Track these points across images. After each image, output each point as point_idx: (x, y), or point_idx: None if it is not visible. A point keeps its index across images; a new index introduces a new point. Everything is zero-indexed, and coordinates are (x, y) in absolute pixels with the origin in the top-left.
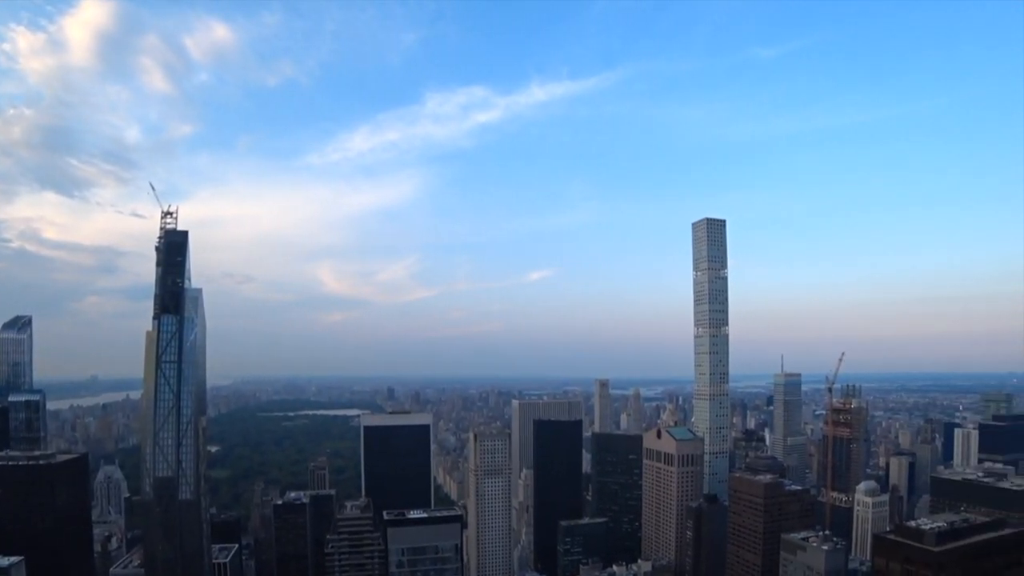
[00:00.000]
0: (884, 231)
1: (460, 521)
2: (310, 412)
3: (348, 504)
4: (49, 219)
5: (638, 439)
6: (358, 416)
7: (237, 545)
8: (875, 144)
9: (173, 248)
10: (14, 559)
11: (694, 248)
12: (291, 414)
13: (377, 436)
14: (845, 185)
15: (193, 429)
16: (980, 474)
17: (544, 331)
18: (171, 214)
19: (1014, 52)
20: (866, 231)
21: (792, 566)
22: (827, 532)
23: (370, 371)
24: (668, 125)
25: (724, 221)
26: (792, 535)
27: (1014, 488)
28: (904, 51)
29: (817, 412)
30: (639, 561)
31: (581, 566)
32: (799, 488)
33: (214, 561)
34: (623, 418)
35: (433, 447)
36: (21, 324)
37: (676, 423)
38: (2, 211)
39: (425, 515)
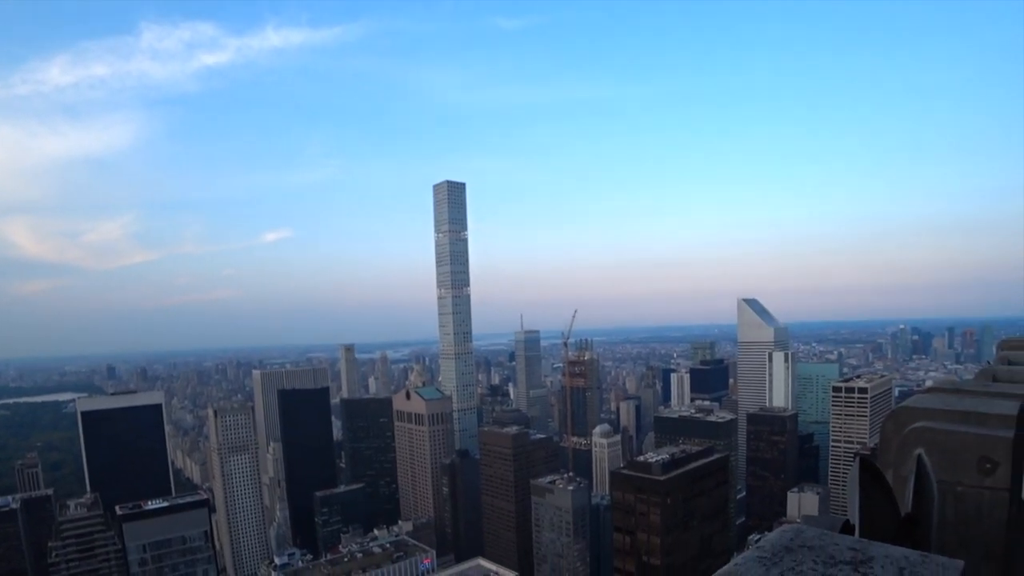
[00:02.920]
0: (611, 199)
1: (207, 506)
2: (10, 401)
3: (71, 503)
4: None
5: (388, 402)
6: (73, 401)
7: None
8: (607, 117)
9: None
10: None
11: (435, 210)
12: None
13: (99, 422)
14: (581, 155)
15: None
16: (693, 411)
17: (284, 296)
18: None
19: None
20: (596, 199)
21: (543, 508)
22: (571, 474)
23: (85, 349)
24: (412, 86)
25: (464, 184)
26: (540, 480)
27: (719, 420)
28: (634, 33)
29: (555, 365)
30: (400, 522)
31: (342, 535)
32: (543, 436)
33: None
34: (371, 382)
35: (168, 428)
36: None
37: (424, 384)
38: None
39: (166, 504)
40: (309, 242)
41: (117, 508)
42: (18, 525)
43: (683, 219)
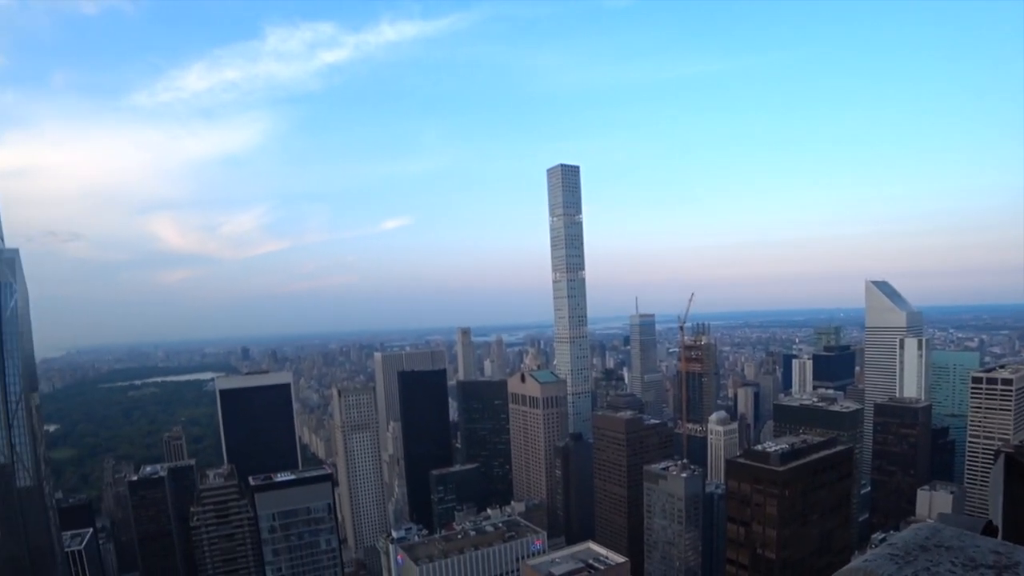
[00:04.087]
0: (729, 177)
1: (330, 480)
2: (159, 379)
3: (210, 473)
4: None
5: (503, 384)
6: (212, 380)
7: (91, 529)
8: (720, 93)
9: None
10: None
11: (549, 194)
12: (137, 383)
13: (235, 399)
14: (693, 132)
15: (24, 408)
16: (815, 399)
17: (403, 281)
18: None
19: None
20: (712, 177)
21: (655, 494)
22: (685, 461)
23: (222, 332)
24: (523, 70)
25: (578, 167)
26: (653, 466)
27: (843, 410)
28: (745, 6)
29: (671, 350)
30: (512, 503)
31: (456, 512)
32: (657, 422)
33: (67, 550)
34: (487, 365)
35: (296, 406)
36: None
37: (539, 367)
38: None
39: (293, 477)
40: (427, 229)
41: (250, 479)
42: (165, 491)
43: (807, 197)
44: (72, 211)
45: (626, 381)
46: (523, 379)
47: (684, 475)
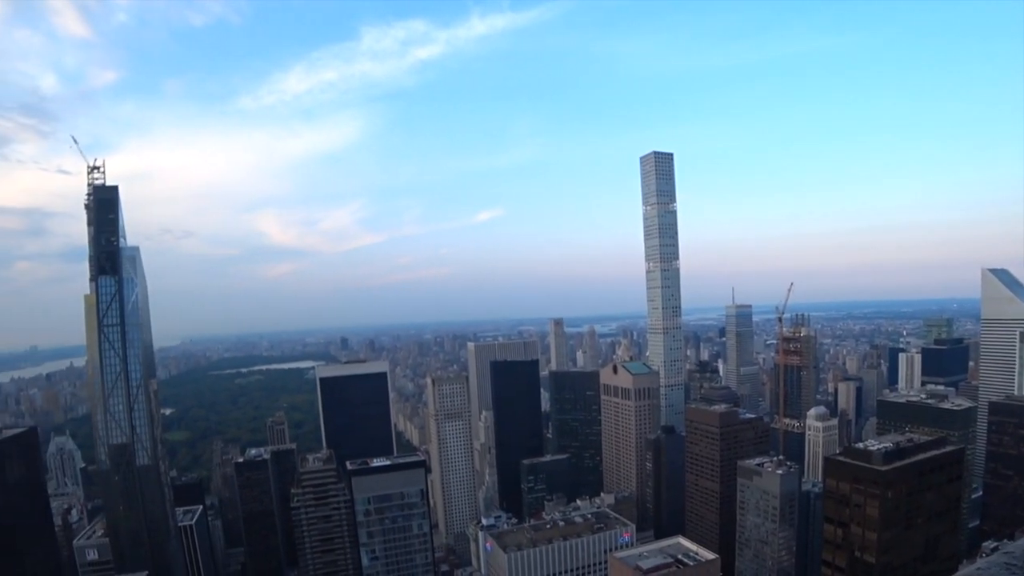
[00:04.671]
0: (830, 162)
1: (423, 466)
2: (263, 367)
3: (310, 457)
4: None
5: (595, 375)
6: (313, 368)
7: (201, 506)
8: (819, 75)
9: (104, 205)
10: None
11: (643, 182)
12: (244, 371)
13: (334, 387)
14: (791, 117)
15: (144, 393)
16: (923, 396)
17: (496, 272)
18: (98, 168)
19: None
20: (811, 163)
21: (749, 491)
22: (781, 457)
23: (322, 322)
24: (613, 58)
25: (671, 154)
26: (748, 461)
27: (954, 408)
28: None
29: (768, 342)
30: (602, 494)
31: (546, 502)
32: (753, 416)
33: (180, 524)
34: (579, 355)
35: (391, 394)
36: None
37: (631, 358)
38: None
39: (388, 463)
40: (519, 220)
41: (347, 463)
42: (268, 473)
43: (917, 181)
44: (185, 210)
45: (721, 374)
46: (615, 370)
47: (780, 472)
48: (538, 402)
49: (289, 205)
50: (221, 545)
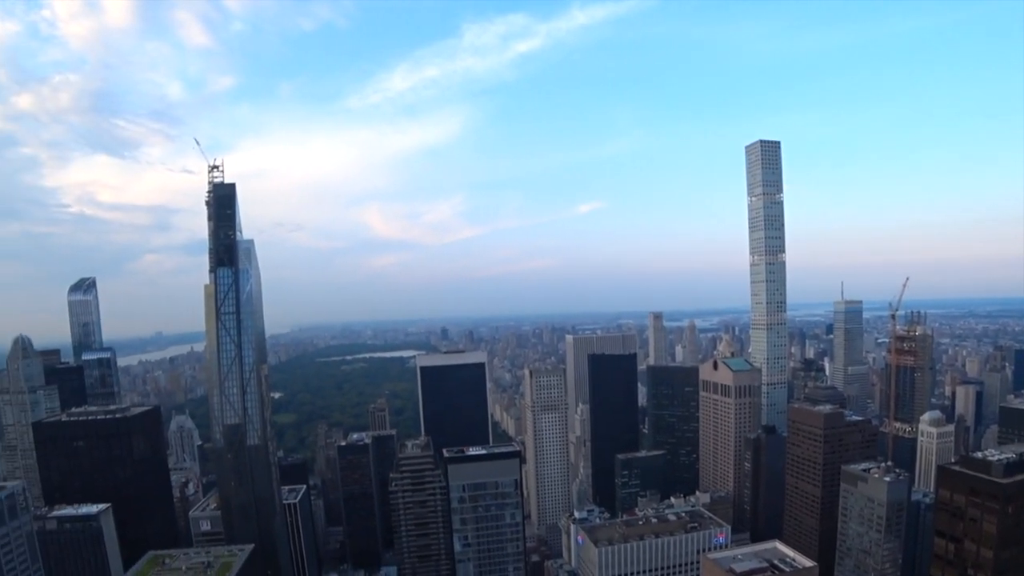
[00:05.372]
0: (947, 148)
1: (518, 457)
2: (367, 356)
3: (409, 443)
4: (103, 182)
5: (694, 371)
6: (414, 357)
7: (305, 486)
8: (935, 58)
9: (222, 201)
10: (102, 506)
11: (748, 172)
12: (349, 358)
13: (433, 376)
14: (903, 103)
15: (256, 377)
16: None
17: (595, 265)
18: (217, 167)
19: None
20: (928, 149)
21: (853, 497)
22: (889, 463)
23: (423, 312)
24: (715, 44)
25: (778, 143)
26: (853, 466)
27: None
28: None
29: (879, 340)
30: (697, 493)
31: (639, 498)
32: (860, 419)
33: (284, 502)
34: (678, 350)
35: (489, 385)
36: (86, 286)
37: (732, 354)
38: (59, 177)
39: (484, 452)
40: (619, 212)
41: (444, 451)
42: (369, 457)
43: None
44: (296, 205)
45: (827, 372)
46: (715, 366)
47: (888, 479)
48: (635, 396)
49: (393, 199)
50: (322, 524)
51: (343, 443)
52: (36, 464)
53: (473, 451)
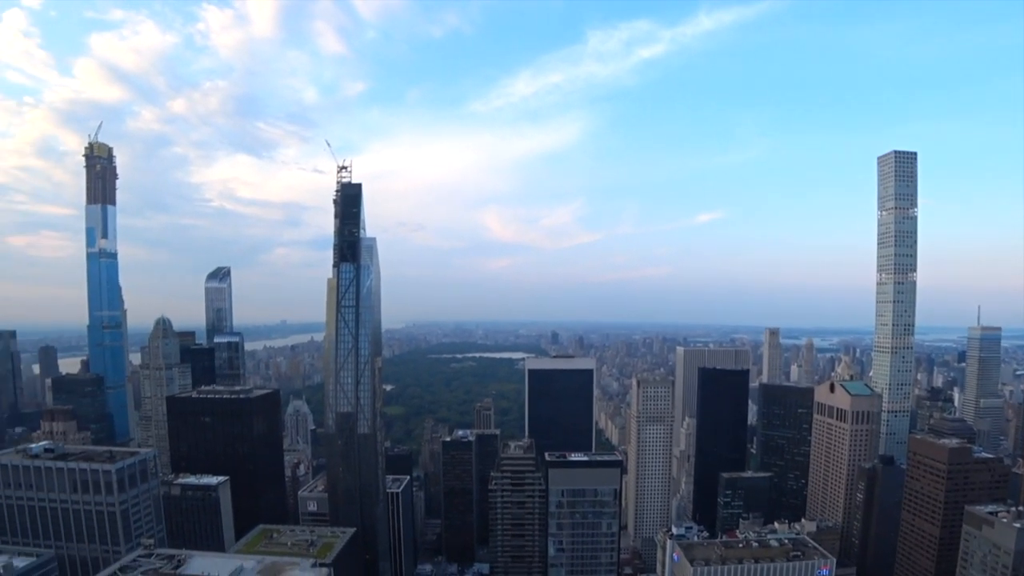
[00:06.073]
0: None
1: (620, 466)
2: (477, 355)
3: (511, 444)
4: (242, 179)
5: (809, 392)
6: (523, 360)
7: (409, 477)
8: None
9: (349, 200)
10: (221, 478)
11: (879, 185)
12: (459, 356)
13: (541, 379)
14: None
15: (370, 369)
16: None
17: (711, 276)
18: (346, 168)
19: None
20: None
21: (976, 541)
22: (1021, 508)
23: (535, 315)
24: (847, 48)
25: (915, 154)
26: (978, 507)
27: None
28: None
29: (1018, 372)
30: (803, 520)
31: (741, 520)
32: (990, 456)
33: (388, 491)
34: (793, 369)
35: (596, 392)
36: (222, 274)
37: (852, 377)
38: (204, 174)
39: (586, 458)
40: (738, 223)
41: (546, 455)
42: (471, 454)
43: None
44: (418, 205)
45: (956, 404)
46: (832, 388)
47: (1017, 524)
48: (744, 414)
49: (511, 202)
50: (421, 515)
51: (448, 438)
52: (167, 435)
53: (575, 457)
